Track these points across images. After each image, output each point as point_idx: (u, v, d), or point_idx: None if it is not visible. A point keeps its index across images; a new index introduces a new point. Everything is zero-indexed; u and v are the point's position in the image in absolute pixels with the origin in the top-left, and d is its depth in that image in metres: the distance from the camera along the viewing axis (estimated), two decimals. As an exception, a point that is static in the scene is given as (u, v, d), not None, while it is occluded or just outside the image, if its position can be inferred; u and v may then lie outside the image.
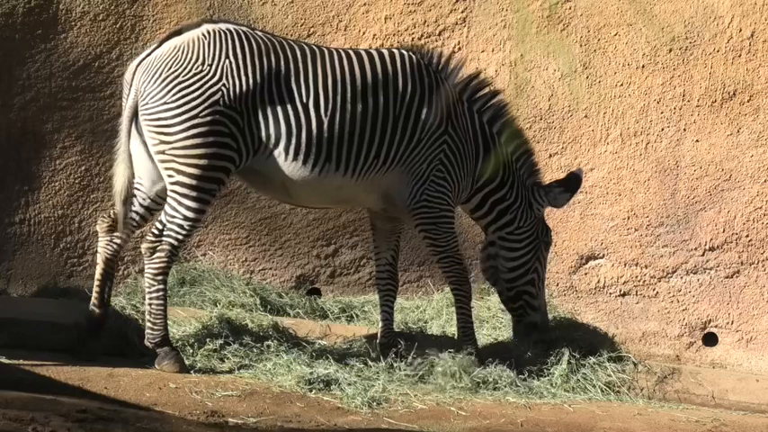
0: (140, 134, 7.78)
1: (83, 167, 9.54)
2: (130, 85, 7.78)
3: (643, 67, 9.77)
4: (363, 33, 9.71)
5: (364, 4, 9.72)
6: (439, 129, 8.17)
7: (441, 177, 8.19)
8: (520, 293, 8.58)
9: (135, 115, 7.74)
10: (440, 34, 9.74)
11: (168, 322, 7.84)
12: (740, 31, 9.70)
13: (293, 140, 7.86)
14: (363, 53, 8.18)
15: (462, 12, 9.76)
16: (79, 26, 9.47)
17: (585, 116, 9.83)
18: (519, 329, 8.61)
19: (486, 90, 8.43)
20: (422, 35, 9.72)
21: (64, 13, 9.45)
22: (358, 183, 8.06)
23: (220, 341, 8.14)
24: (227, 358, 8.03)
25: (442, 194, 8.20)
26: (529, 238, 8.59)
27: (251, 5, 9.62)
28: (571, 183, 8.70)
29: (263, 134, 7.82)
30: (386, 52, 8.23)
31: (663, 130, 9.79)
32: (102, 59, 9.52)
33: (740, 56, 9.71)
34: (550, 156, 9.80)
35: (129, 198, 7.77)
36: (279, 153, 7.87)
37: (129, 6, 9.51)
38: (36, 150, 9.48)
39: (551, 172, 9.68)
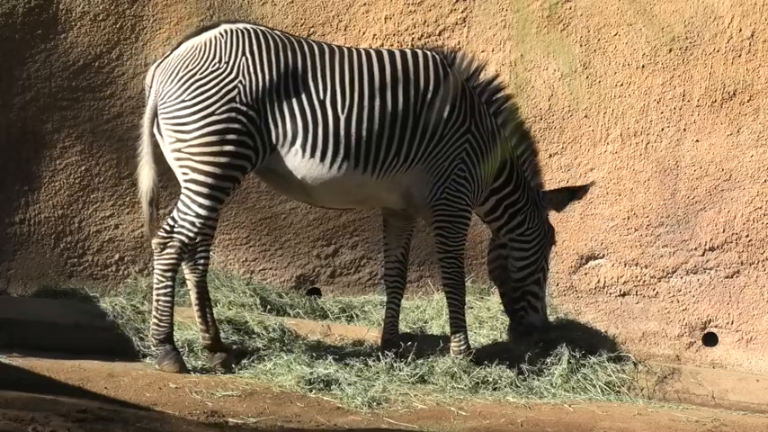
0: (162, 136, 7.78)
1: (83, 167, 9.54)
2: (150, 88, 7.77)
3: (643, 67, 9.76)
4: (363, 33, 9.71)
5: (364, 4, 9.72)
6: (462, 127, 8.16)
7: (461, 176, 8.18)
8: (525, 293, 8.59)
9: (156, 117, 7.74)
10: (440, 34, 9.74)
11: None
12: (740, 31, 9.70)
13: (309, 137, 7.84)
14: (384, 52, 8.15)
15: (462, 12, 9.76)
16: (79, 26, 9.47)
17: (585, 116, 9.83)
18: (518, 332, 8.60)
19: (502, 93, 8.44)
20: (422, 35, 9.71)
21: (64, 13, 9.44)
22: (379, 181, 8.04)
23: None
24: (228, 358, 8.05)
25: (462, 193, 8.20)
26: (537, 237, 8.62)
27: (251, 5, 9.62)
28: (579, 192, 8.74)
29: (280, 131, 7.79)
30: (408, 52, 8.21)
31: (663, 130, 9.79)
32: (102, 59, 9.51)
33: (740, 56, 9.71)
34: (550, 156, 9.79)
35: (155, 199, 7.77)
36: (296, 151, 7.84)
37: (129, 6, 9.51)
38: (36, 150, 9.48)
39: (551, 172, 9.68)
